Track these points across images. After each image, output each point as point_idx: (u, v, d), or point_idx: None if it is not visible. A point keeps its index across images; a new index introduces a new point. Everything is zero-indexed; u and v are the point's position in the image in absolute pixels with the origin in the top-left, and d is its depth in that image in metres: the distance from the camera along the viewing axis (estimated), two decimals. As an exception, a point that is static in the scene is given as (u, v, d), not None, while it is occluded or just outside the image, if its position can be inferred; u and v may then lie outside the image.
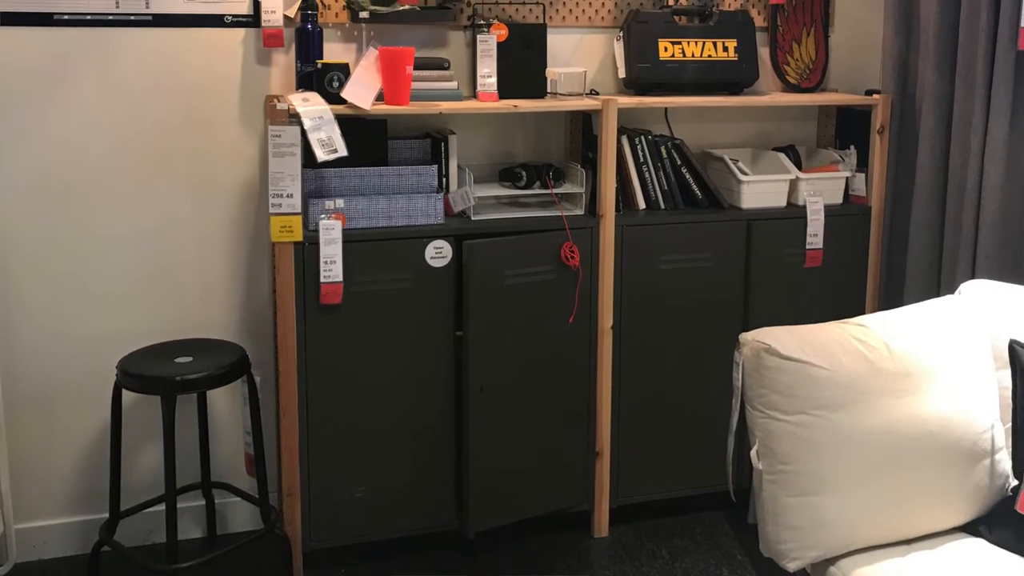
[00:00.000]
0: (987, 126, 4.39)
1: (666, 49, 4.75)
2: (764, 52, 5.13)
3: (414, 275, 4.30)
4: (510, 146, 4.93)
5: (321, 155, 3.97)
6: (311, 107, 4.03)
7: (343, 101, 4.12)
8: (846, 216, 4.89)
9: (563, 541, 4.74)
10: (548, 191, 4.58)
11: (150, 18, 4.40)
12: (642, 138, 4.65)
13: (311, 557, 4.44)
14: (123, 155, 4.45)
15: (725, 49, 4.83)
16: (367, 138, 4.42)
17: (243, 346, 4.37)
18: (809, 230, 4.78)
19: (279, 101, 4.09)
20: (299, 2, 4.45)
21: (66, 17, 4.30)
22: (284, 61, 4.56)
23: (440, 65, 4.50)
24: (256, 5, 4.48)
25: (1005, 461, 3.38)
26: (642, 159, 4.66)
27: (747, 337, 3.35)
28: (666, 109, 4.95)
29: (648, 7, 4.93)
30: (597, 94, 4.76)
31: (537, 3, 4.79)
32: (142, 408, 4.54)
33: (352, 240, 4.19)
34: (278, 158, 4.03)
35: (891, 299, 4.95)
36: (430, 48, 4.71)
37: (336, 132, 4.01)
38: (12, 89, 4.29)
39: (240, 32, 4.51)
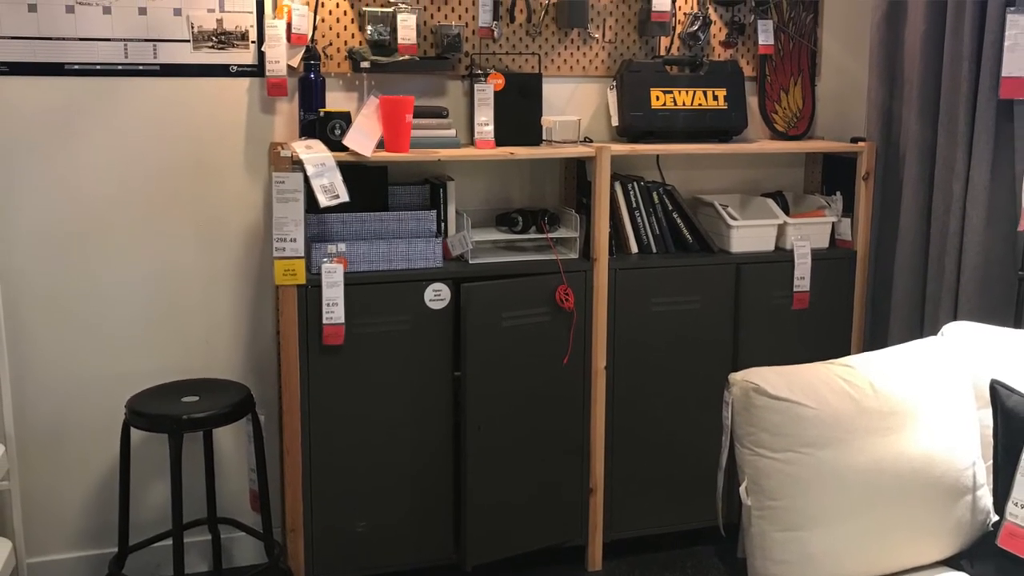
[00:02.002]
0: (969, 173, 4.41)
1: (658, 98, 4.78)
2: (753, 101, 5.16)
3: (414, 317, 4.31)
4: (507, 192, 4.94)
5: (323, 201, 3.98)
6: (314, 154, 4.04)
7: (345, 148, 4.14)
8: (832, 260, 4.90)
9: (558, 575, 4.74)
10: (543, 236, 4.60)
11: (158, 68, 4.42)
12: (635, 184, 4.67)
13: (313, 591, 4.44)
14: (131, 201, 4.46)
15: (715, 98, 4.86)
16: (368, 184, 4.43)
17: (248, 386, 4.38)
18: (796, 273, 4.80)
19: (283, 148, 4.11)
20: (302, 52, 4.48)
21: (76, 67, 4.33)
22: (288, 109, 4.58)
23: (439, 114, 4.52)
24: (261, 55, 4.50)
25: (986, 497, 3.39)
26: (635, 204, 4.68)
27: (736, 377, 3.35)
28: (658, 156, 4.98)
29: (640, 57, 4.97)
30: (591, 141, 4.79)
31: (533, 54, 4.82)
32: (150, 446, 4.55)
33: (354, 283, 4.19)
34: (282, 203, 4.05)
35: (876, 340, 4.97)
36: (429, 97, 4.73)
37: (338, 178, 4.02)
38: (23, 137, 4.31)
39: (245, 81, 4.53)
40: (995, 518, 3.35)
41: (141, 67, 4.40)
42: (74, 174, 4.38)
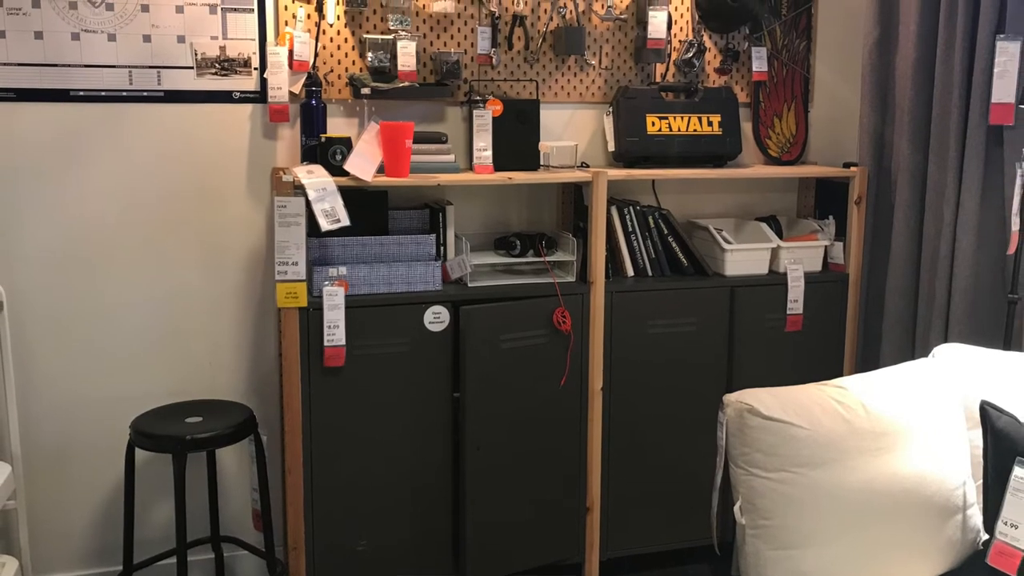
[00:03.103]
0: (959, 197, 4.43)
1: (653, 124, 4.80)
2: (747, 127, 5.18)
3: (413, 339, 4.32)
4: (505, 216, 4.96)
5: (325, 225, 3.99)
6: (315, 179, 4.05)
7: (346, 173, 4.16)
8: (825, 283, 4.91)
9: (556, 593, 4.76)
10: (541, 259, 4.61)
11: (162, 94, 4.44)
12: (631, 208, 4.68)
13: (314, 609, 4.45)
14: (136, 225, 4.48)
15: (710, 124, 4.88)
16: (368, 208, 4.44)
17: (250, 407, 4.39)
18: (790, 296, 4.81)
19: (285, 173, 4.12)
20: (304, 79, 4.50)
21: (82, 93, 4.35)
22: (290, 135, 4.60)
23: (438, 139, 4.53)
24: (263, 82, 4.53)
25: (976, 516, 3.40)
26: (631, 228, 4.69)
27: (731, 398, 3.36)
28: (653, 181, 5.01)
29: (636, 84, 4.99)
30: (588, 166, 4.81)
31: (531, 80, 4.84)
32: (154, 466, 4.56)
33: (354, 306, 4.21)
34: (284, 228, 4.06)
35: (868, 362, 4.97)
36: (429, 123, 4.75)
37: (339, 203, 4.03)
38: (30, 162, 4.33)
39: (248, 108, 4.55)
40: (985, 537, 3.36)
41: (145, 93, 4.42)
42: (79, 198, 4.40)
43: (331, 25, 4.54)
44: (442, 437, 4.44)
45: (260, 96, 4.55)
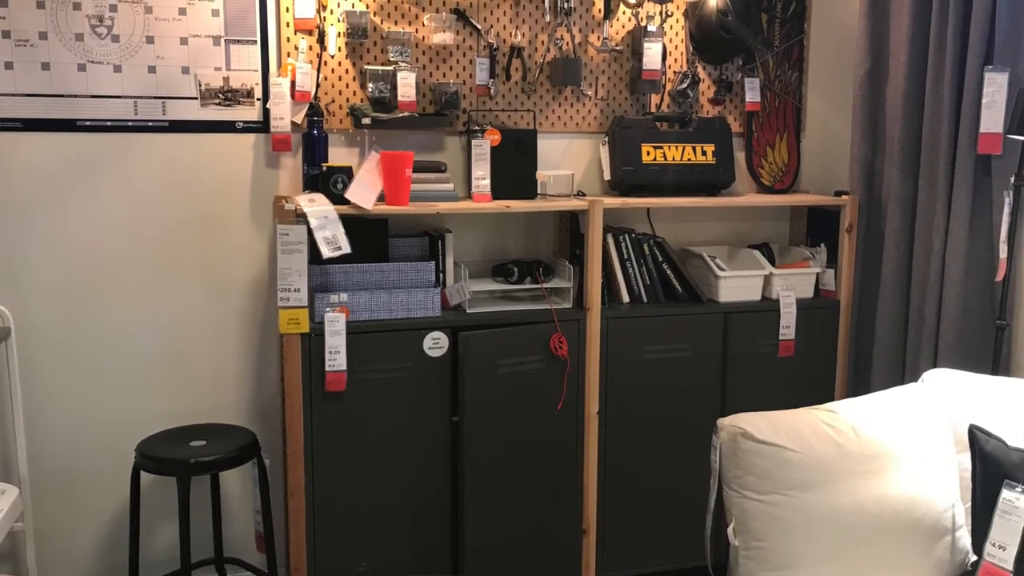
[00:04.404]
0: (948, 225, 4.44)
1: (648, 153, 4.82)
2: (740, 156, 5.22)
3: (413, 364, 4.33)
4: (503, 243, 4.97)
5: (326, 252, 4.00)
6: (317, 207, 4.06)
7: (347, 202, 4.17)
8: (817, 309, 4.93)
9: (553, 615, 4.76)
10: (538, 286, 4.63)
11: (166, 124, 4.46)
12: (626, 236, 4.70)
13: (315, 630, 4.45)
14: (141, 252, 4.50)
15: (704, 153, 4.90)
16: (369, 236, 4.46)
17: (253, 430, 4.40)
18: (782, 322, 4.83)
19: (287, 202, 4.14)
20: (306, 109, 4.53)
21: (88, 123, 4.37)
22: (292, 164, 4.62)
23: (437, 168, 4.55)
24: (266, 112, 4.55)
25: (965, 538, 3.41)
26: (626, 256, 4.71)
27: (724, 422, 3.38)
28: (648, 209, 5.03)
29: (631, 114, 5.02)
30: (584, 195, 4.83)
31: (528, 110, 4.86)
32: (159, 488, 4.57)
33: (355, 331, 4.22)
34: (286, 255, 4.07)
35: (859, 386, 4.99)
36: (428, 152, 4.77)
37: (340, 231, 4.04)
38: (37, 191, 4.34)
39: (251, 137, 4.57)
40: (973, 558, 3.37)
41: (150, 123, 4.44)
42: (86, 226, 4.42)
43: (332, 56, 4.57)
44: (441, 460, 4.45)
45: (263, 126, 4.57)
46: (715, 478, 3.40)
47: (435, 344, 4.34)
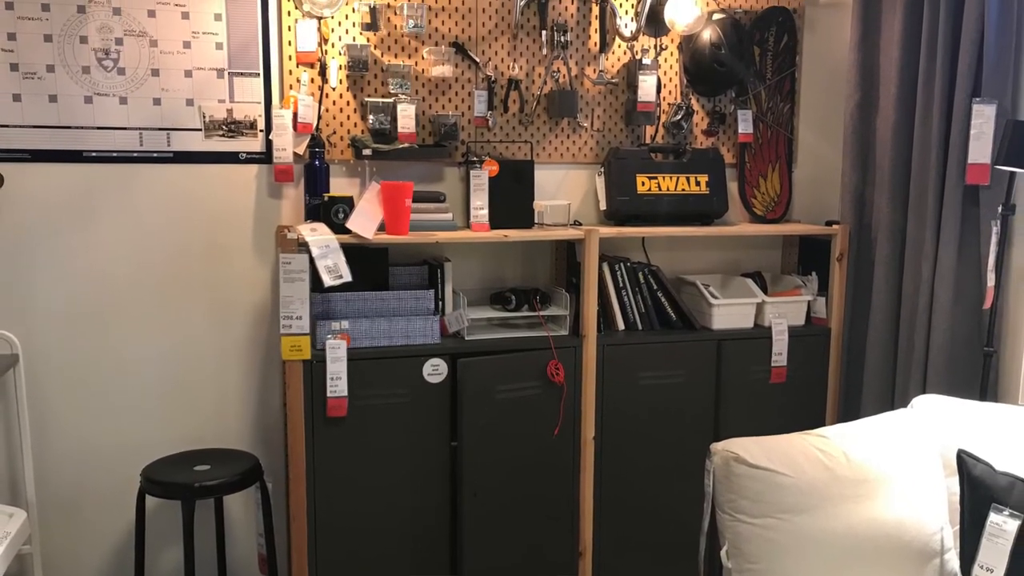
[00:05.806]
0: (937, 254, 4.46)
1: (643, 183, 4.84)
2: (733, 186, 5.24)
3: (413, 390, 4.34)
4: (501, 272, 4.99)
5: (328, 280, 4.01)
6: (318, 236, 4.08)
7: (348, 231, 4.19)
8: (808, 336, 4.95)
9: (550, 637, 4.76)
10: (535, 313, 4.64)
11: (171, 155, 4.48)
12: (621, 265, 4.72)
13: (316, 652, 4.45)
14: (146, 281, 4.52)
15: (697, 183, 4.92)
16: (370, 265, 4.48)
17: (256, 455, 4.42)
18: (774, 349, 4.85)
19: (289, 231, 4.15)
20: (308, 140, 4.55)
21: (94, 154, 4.39)
22: (294, 194, 4.64)
23: (437, 198, 4.56)
24: (268, 143, 4.57)
25: (953, 560, 3.42)
26: (621, 284, 4.73)
27: (717, 447, 3.40)
28: (643, 238, 5.06)
29: (627, 145, 5.04)
30: (580, 224, 4.85)
31: (525, 142, 4.89)
32: (164, 512, 4.58)
33: (356, 358, 4.23)
34: (288, 283, 4.09)
35: (849, 412, 5.00)
36: (427, 182, 4.79)
37: (341, 259, 4.05)
38: (44, 221, 4.36)
39: (254, 168, 4.59)
40: (962, 580, 3.40)
41: (155, 154, 4.46)
42: (92, 255, 4.44)
43: (334, 89, 4.60)
44: (440, 484, 4.46)
45: (265, 157, 4.59)
46: (709, 502, 3.42)
47: (434, 370, 4.35)
